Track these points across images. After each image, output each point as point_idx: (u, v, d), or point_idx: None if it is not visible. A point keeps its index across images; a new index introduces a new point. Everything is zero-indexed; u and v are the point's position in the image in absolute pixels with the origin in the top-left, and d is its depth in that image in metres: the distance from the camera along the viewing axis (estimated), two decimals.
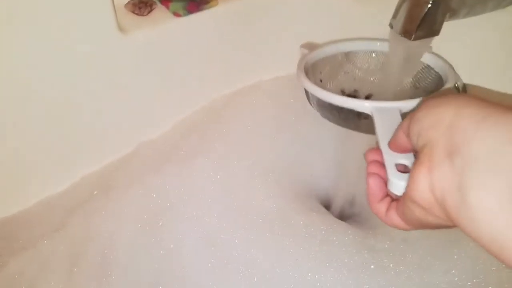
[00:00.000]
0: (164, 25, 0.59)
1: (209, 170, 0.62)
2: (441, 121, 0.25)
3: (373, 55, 0.56)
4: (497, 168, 0.21)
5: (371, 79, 0.55)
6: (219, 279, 0.54)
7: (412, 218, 0.28)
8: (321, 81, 0.54)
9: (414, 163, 0.27)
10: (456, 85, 0.52)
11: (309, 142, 0.64)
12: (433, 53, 0.52)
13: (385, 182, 0.33)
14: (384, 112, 0.40)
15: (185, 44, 0.63)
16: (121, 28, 0.57)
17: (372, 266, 0.51)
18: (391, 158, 0.33)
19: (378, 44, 0.55)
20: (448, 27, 0.48)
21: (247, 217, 0.58)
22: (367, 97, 0.56)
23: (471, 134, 0.23)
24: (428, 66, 0.53)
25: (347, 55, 0.56)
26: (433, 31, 0.48)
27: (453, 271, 0.49)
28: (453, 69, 0.50)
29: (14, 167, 0.60)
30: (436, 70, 0.52)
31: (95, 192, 0.63)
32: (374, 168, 0.34)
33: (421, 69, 0.54)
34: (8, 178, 0.60)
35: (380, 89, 0.54)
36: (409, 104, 0.41)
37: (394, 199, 0.32)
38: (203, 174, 0.61)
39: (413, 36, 0.47)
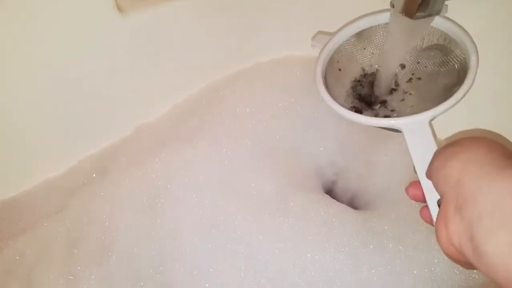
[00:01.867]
0: (163, 5, 0.58)
1: (208, 153, 0.61)
2: (451, 176, 0.29)
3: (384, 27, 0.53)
4: (499, 220, 0.24)
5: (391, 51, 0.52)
6: (218, 260, 0.55)
7: (449, 258, 0.31)
8: (340, 70, 0.53)
9: (436, 217, 0.30)
10: None
11: (309, 124, 0.64)
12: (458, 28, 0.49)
13: None
14: (413, 127, 0.40)
15: (183, 25, 0.62)
16: (119, 8, 0.56)
17: (371, 246, 0.52)
18: (432, 196, 0.34)
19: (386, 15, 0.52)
20: (450, 5, 0.47)
21: (246, 199, 0.58)
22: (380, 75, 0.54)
23: (475, 190, 0.26)
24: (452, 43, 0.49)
25: (359, 35, 0.54)
26: (435, 10, 0.47)
27: None
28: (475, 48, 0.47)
29: (13, 150, 0.60)
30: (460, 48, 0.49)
31: (93, 175, 0.63)
32: (426, 215, 0.35)
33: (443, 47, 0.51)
34: (7, 161, 0.60)
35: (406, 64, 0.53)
36: (437, 111, 0.40)
37: None
38: (202, 157, 0.61)
39: (414, 15, 0.47)
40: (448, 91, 0.46)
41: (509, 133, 0.51)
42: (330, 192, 0.64)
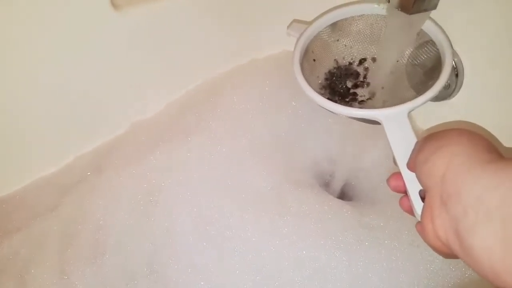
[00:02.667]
0: (158, 2, 0.58)
1: (204, 150, 0.61)
2: (436, 170, 0.29)
3: (360, 19, 0.53)
4: (483, 215, 0.25)
5: (364, 44, 0.53)
6: (213, 258, 0.54)
7: (434, 250, 0.31)
8: (314, 60, 0.53)
9: (422, 211, 0.31)
10: (454, 62, 0.51)
11: (305, 119, 0.63)
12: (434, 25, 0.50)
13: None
14: (392, 118, 0.40)
15: (178, 22, 0.61)
16: (114, 5, 0.56)
17: (366, 243, 0.51)
18: (413, 186, 0.34)
19: (364, 7, 0.52)
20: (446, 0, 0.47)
21: (242, 196, 0.58)
22: (361, 62, 0.55)
23: (460, 185, 0.27)
24: (429, 40, 0.51)
25: (334, 25, 0.54)
26: (431, 5, 0.47)
27: None
28: (450, 44, 0.49)
29: (8, 148, 0.59)
30: (436, 45, 0.50)
31: (88, 173, 0.62)
32: (406, 205, 0.36)
33: (419, 44, 0.52)
34: (2, 159, 0.60)
35: (378, 58, 0.53)
36: (415, 104, 0.41)
37: None
38: (197, 154, 0.61)
39: (411, 10, 0.46)
40: (421, 87, 0.47)
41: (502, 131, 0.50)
42: (326, 188, 0.64)
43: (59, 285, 0.54)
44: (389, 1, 0.49)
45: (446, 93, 0.54)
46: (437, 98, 0.56)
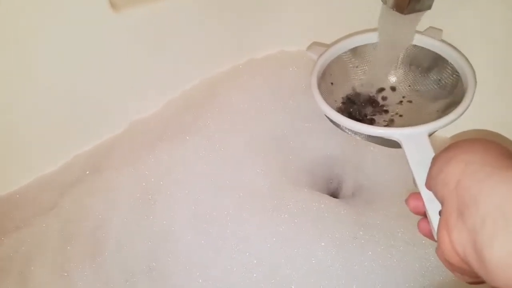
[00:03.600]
0: (156, 2, 0.58)
1: (202, 148, 0.61)
2: (451, 180, 0.27)
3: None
4: (503, 225, 0.23)
5: (383, 71, 0.53)
6: (211, 256, 0.55)
7: (453, 268, 0.29)
8: (332, 84, 0.53)
9: (438, 225, 0.29)
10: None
11: (304, 119, 0.64)
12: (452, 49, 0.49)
13: None
14: (412, 139, 0.40)
15: (176, 22, 0.62)
16: (113, 5, 0.56)
17: (362, 241, 0.52)
18: (433, 206, 0.33)
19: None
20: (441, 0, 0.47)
21: (240, 194, 0.58)
22: (380, 90, 0.54)
23: (476, 193, 0.25)
24: (447, 65, 0.50)
25: (354, 50, 0.54)
26: (426, 5, 0.48)
27: None
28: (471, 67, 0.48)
29: (7, 147, 0.59)
30: (454, 68, 0.49)
31: (87, 172, 0.62)
32: (423, 227, 0.34)
33: (437, 70, 0.52)
34: (1, 158, 0.60)
35: (397, 87, 0.53)
36: (437, 125, 0.41)
37: None
38: (196, 153, 0.61)
39: (405, 10, 0.47)
40: (438, 114, 0.46)
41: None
42: (323, 186, 0.64)
43: (59, 282, 0.54)
44: (385, 2, 0.49)
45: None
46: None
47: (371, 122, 0.52)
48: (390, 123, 0.51)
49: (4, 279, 0.54)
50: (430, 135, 0.41)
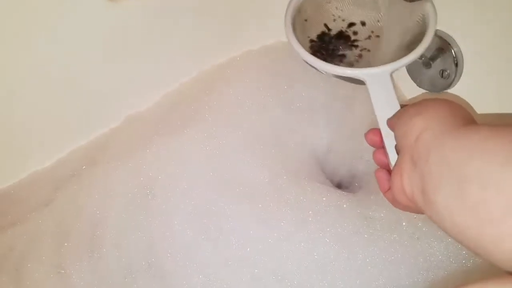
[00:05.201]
0: None
1: (199, 142, 0.60)
2: (412, 133, 0.31)
3: None
4: (446, 174, 0.27)
5: (355, 7, 0.54)
6: (211, 251, 0.54)
7: (399, 206, 0.35)
8: (306, 20, 0.53)
9: (393, 168, 0.34)
10: (453, 51, 0.51)
11: (303, 110, 0.63)
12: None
13: (390, 173, 0.37)
14: (376, 78, 0.42)
15: (172, 14, 0.61)
16: None
17: (365, 235, 0.51)
18: (390, 141, 0.37)
19: None
20: None
21: (239, 188, 0.57)
22: (351, 25, 0.55)
23: (430, 146, 0.29)
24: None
25: None
26: None
27: (449, 239, 0.49)
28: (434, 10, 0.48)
29: (1, 142, 0.59)
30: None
31: (83, 167, 0.62)
32: (379, 158, 0.39)
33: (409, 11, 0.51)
34: None
35: (367, 22, 0.54)
36: (397, 64, 0.43)
37: None
38: (193, 146, 0.60)
39: None
40: (404, 50, 0.47)
41: None
42: (324, 179, 0.63)
43: (55, 279, 0.54)
44: None
45: (446, 83, 0.54)
46: (437, 88, 0.55)
47: (342, 57, 0.53)
48: (359, 58, 0.53)
49: None
50: (392, 72, 0.43)
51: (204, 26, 0.64)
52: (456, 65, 0.52)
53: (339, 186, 0.63)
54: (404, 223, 0.52)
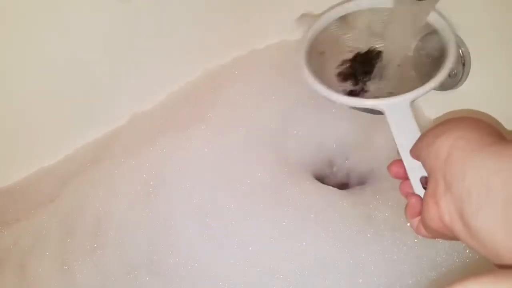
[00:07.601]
0: None
1: (204, 141, 0.60)
2: (440, 153, 0.29)
3: (371, 12, 0.52)
4: (486, 196, 0.25)
5: (371, 38, 0.53)
6: (213, 250, 0.54)
7: (431, 233, 0.33)
8: (322, 53, 0.53)
9: (425, 193, 0.31)
10: (461, 51, 0.51)
11: (306, 110, 0.62)
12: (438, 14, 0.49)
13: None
14: (395, 108, 0.41)
15: (179, 13, 0.61)
16: None
17: (368, 234, 0.51)
18: (414, 173, 0.36)
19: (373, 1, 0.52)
20: None
21: (242, 188, 0.57)
22: (368, 55, 0.54)
23: (464, 167, 0.27)
24: (434, 30, 0.50)
25: (343, 19, 0.53)
26: None
27: None
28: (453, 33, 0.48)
29: (7, 139, 0.60)
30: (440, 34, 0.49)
31: (88, 164, 0.62)
32: (406, 190, 0.38)
33: (426, 35, 0.51)
34: (1, 150, 0.60)
35: (387, 50, 0.53)
36: (417, 93, 0.42)
37: None
38: (197, 145, 0.60)
39: None
40: (426, 78, 0.46)
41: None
42: (326, 178, 0.63)
43: (59, 275, 0.54)
44: None
45: (453, 82, 0.53)
46: (444, 87, 0.55)
47: (361, 88, 0.53)
48: (378, 89, 0.53)
49: (3, 271, 0.54)
50: (412, 101, 0.42)
51: (209, 25, 0.64)
52: (463, 64, 0.51)
53: (341, 185, 0.63)
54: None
